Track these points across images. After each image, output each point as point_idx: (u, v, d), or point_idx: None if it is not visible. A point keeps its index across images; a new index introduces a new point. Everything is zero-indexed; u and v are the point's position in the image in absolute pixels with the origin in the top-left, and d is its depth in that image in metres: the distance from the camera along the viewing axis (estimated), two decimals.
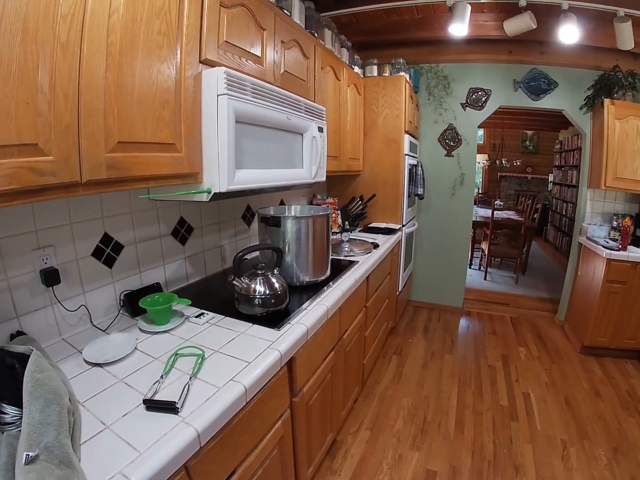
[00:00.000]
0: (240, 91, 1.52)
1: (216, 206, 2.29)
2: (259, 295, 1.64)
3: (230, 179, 1.51)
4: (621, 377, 3.23)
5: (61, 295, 1.45)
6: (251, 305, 1.64)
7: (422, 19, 3.54)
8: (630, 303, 3.29)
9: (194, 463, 0.99)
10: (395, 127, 3.54)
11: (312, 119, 2.16)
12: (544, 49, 3.71)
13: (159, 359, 1.31)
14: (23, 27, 0.86)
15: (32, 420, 0.82)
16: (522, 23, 3.05)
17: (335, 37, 2.88)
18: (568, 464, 2.25)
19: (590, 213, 4.02)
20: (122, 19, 1.11)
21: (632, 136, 3.42)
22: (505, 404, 2.85)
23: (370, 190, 3.64)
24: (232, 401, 1.11)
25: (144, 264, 1.83)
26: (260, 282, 1.66)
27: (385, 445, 2.41)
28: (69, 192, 1.03)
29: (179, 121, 1.36)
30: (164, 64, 1.27)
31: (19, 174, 0.88)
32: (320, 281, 2.10)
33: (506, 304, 4.81)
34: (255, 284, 1.65)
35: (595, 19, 3.14)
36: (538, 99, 3.98)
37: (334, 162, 2.89)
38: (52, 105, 0.94)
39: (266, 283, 1.66)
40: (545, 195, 9.96)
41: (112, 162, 1.11)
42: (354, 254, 2.69)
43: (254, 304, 1.64)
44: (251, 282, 1.66)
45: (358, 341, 2.53)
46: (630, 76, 3.47)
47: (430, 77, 4.17)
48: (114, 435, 0.95)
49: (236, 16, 1.59)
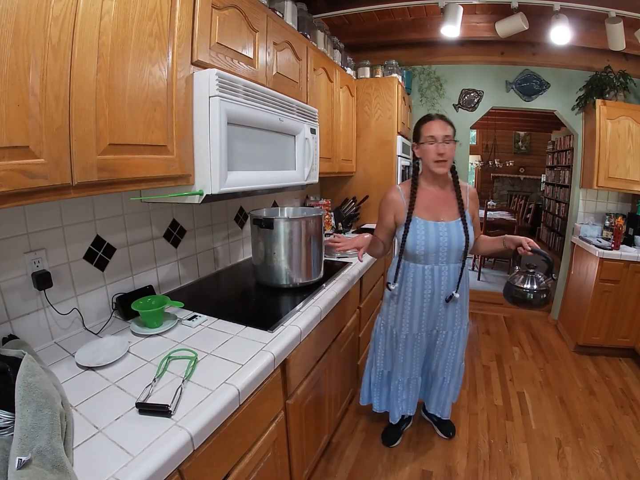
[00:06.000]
0: (232, 93, 1.52)
1: (208, 208, 2.28)
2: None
3: (222, 181, 1.51)
4: (615, 375, 3.25)
5: (53, 299, 1.44)
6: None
7: (414, 20, 3.55)
8: (623, 302, 3.31)
9: (188, 466, 0.99)
10: (387, 128, 3.55)
11: (305, 121, 2.16)
12: (536, 50, 3.73)
13: (151, 362, 1.31)
14: (14, 28, 0.86)
15: (25, 425, 0.82)
16: (514, 24, 3.06)
17: (327, 38, 2.89)
18: (563, 462, 2.26)
19: (582, 213, 4.06)
20: (114, 21, 1.10)
21: (623, 136, 3.45)
22: (500, 403, 2.85)
23: (363, 191, 3.64)
24: (225, 404, 1.11)
25: (136, 267, 1.82)
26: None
27: (380, 447, 2.41)
28: (60, 194, 1.03)
29: (171, 123, 1.36)
30: (155, 66, 1.27)
31: (9, 177, 0.88)
32: (313, 282, 2.10)
33: (500, 303, 4.82)
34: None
35: (586, 20, 3.17)
36: (530, 100, 4.01)
37: (327, 163, 2.90)
38: (43, 107, 0.93)
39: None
40: (538, 196, 10.00)
41: (103, 164, 1.11)
42: (348, 255, 2.69)
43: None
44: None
45: (352, 342, 2.53)
46: (621, 76, 3.50)
47: (423, 79, 4.19)
48: (106, 439, 0.94)
49: (228, 18, 1.59)
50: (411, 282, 1.99)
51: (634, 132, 3.42)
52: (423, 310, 2.03)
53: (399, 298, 2.07)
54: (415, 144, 1.94)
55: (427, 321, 2.06)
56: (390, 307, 2.14)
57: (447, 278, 1.97)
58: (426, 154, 1.86)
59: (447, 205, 1.97)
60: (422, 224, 1.90)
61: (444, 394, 2.28)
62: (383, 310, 2.21)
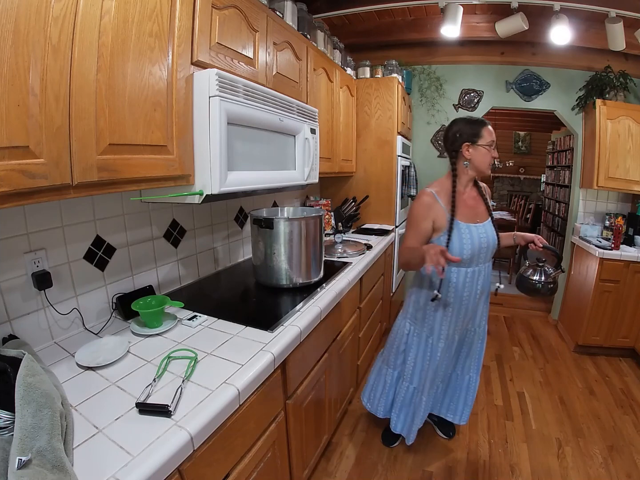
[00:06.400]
0: (232, 93, 1.52)
1: (208, 208, 2.28)
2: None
3: (222, 181, 1.51)
4: (615, 375, 3.25)
5: (53, 299, 1.44)
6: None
7: (414, 20, 3.55)
8: (623, 302, 3.31)
9: (188, 466, 0.99)
10: (387, 128, 3.55)
11: (305, 121, 2.16)
12: (536, 50, 3.73)
13: (151, 362, 1.31)
14: (14, 28, 0.86)
15: (25, 425, 0.82)
16: (514, 24, 3.06)
17: (327, 38, 2.89)
18: (563, 462, 2.26)
19: (582, 213, 4.06)
20: (114, 21, 1.10)
21: (623, 136, 3.45)
22: (500, 403, 2.86)
23: (363, 191, 3.64)
24: (225, 404, 1.11)
25: (136, 267, 1.82)
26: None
27: (380, 447, 2.41)
28: (60, 194, 1.03)
29: (171, 123, 1.36)
30: (155, 66, 1.27)
31: (9, 177, 0.88)
32: (313, 282, 2.10)
33: (500, 303, 4.82)
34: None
35: (586, 20, 3.17)
36: (530, 100, 4.01)
37: (327, 163, 2.90)
38: (43, 107, 0.93)
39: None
40: (537, 196, 9.99)
41: (103, 164, 1.11)
42: (348, 255, 2.69)
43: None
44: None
45: (352, 342, 2.53)
46: (621, 77, 3.50)
47: (423, 79, 4.18)
48: (106, 439, 0.94)
49: (228, 18, 1.59)
50: (454, 287, 1.94)
51: (634, 132, 3.42)
52: (460, 313, 2.00)
53: (438, 304, 1.99)
54: (469, 145, 1.86)
55: (462, 323, 2.04)
56: (427, 315, 2.04)
57: (483, 277, 1.97)
58: (484, 157, 1.85)
59: (478, 206, 1.99)
60: (465, 228, 1.87)
61: (471, 393, 2.24)
62: (416, 317, 2.10)
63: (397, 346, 2.19)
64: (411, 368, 2.14)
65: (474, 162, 1.88)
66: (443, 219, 1.87)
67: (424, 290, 2.04)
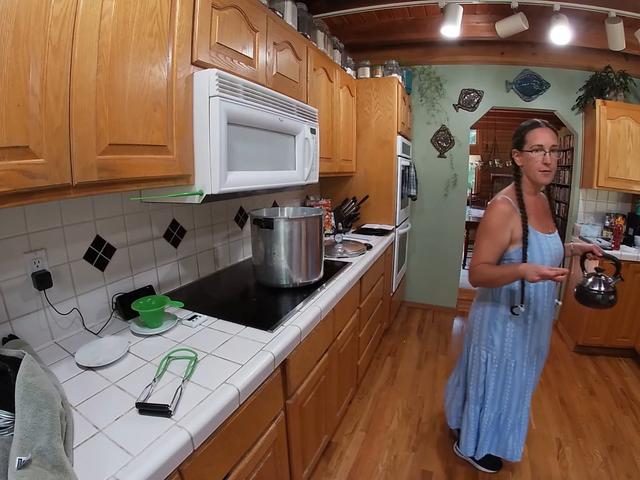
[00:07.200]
0: (232, 93, 1.52)
1: (208, 208, 2.28)
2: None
3: (222, 181, 1.51)
4: (615, 375, 3.25)
5: (53, 299, 1.44)
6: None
7: (414, 20, 3.55)
8: (623, 302, 3.30)
9: (188, 466, 0.99)
10: (387, 128, 3.55)
11: (305, 121, 2.16)
12: (536, 50, 3.73)
13: (151, 362, 1.31)
14: (14, 28, 0.86)
15: (25, 425, 0.82)
16: (514, 24, 3.06)
17: (327, 38, 2.89)
18: (563, 462, 2.26)
19: (582, 213, 4.06)
20: (114, 21, 1.10)
21: (623, 136, 3.45)
22: None
23: (363, 191, 3.64)
24: (225, 404, 1.11)
25: (136, 267, 1.82)
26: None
27: (380, 447, 2.41)
28: (60, 194, 1.03)
29: (171, 123, 1.36)
30: (155, 66, 1.27)
31: (9, 177, 0.88)
32: (313, 282, 2.10)
33: None
34: None
35: (586, 20, 3.17)
36: (530, 100, 4.01)
37: (327, 163, 2.90)
38: (43, 107, 0.93)
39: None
40: None
41: (103, 164, 1.11)
42: (348, 255, 2.70)
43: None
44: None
45: (352, 342, 2.53)
46: (621, 77, 3.51)
47: (423, 79, 4.18)
48: (106, 439, 0.94)
49: (228, 18, 1.59)
50: (533, 301, 1.82)
51: (634, 132, 3.43)
52: (535, 330, 1.87)
53: (517, 321, 1.85)
54: (516, 151, 1.78)
55: (537, 340, 1.91)
56: (506, 335, 1.88)
57: (552, 290, 1.86)
58: (531, 163, 1.71)
59: (547, 215, 1.89)
60: (542, 237, 1.75)
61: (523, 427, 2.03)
62: (492, 341, 1.92)
63: (477, 377, 2.01)
64: (493, 397, 1.98)
65: (524, 169, 1.78)
66: (519, 228, 1.74)
67: (502, 307, 1.88)
